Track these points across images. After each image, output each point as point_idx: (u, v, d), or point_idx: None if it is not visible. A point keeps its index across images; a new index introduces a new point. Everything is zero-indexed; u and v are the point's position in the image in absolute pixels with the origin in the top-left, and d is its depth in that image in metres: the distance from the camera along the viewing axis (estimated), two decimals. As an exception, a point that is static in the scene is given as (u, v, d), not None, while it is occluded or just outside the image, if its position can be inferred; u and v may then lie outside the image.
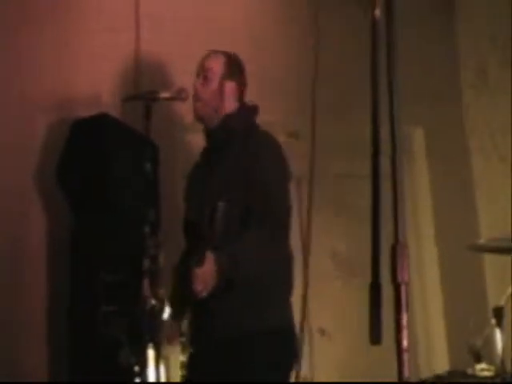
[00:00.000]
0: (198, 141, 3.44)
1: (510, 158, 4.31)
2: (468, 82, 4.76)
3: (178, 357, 2.86)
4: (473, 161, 4.68)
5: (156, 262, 2.89)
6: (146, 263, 2.82)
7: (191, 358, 2.86)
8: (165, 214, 3.46)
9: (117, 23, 4.12)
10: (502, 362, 2.89)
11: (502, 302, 3.04)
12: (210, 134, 3.19)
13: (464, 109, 4.75)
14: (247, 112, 3.21)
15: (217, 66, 3.18)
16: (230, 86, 3.16)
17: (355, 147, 3.53)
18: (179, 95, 3.13)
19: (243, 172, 3.00)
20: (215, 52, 3.24)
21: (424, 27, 4.64)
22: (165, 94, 3.13)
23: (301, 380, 3.89)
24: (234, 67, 3.21)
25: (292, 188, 3.30)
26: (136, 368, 2.81)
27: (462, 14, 4.82)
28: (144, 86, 3.98)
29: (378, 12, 1.40)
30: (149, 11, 4.20)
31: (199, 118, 3.20)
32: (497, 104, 4.47)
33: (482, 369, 2.93)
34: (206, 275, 2.77)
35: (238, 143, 3.08)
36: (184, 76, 3.77)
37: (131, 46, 4.15)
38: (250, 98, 3.26)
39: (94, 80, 4.01)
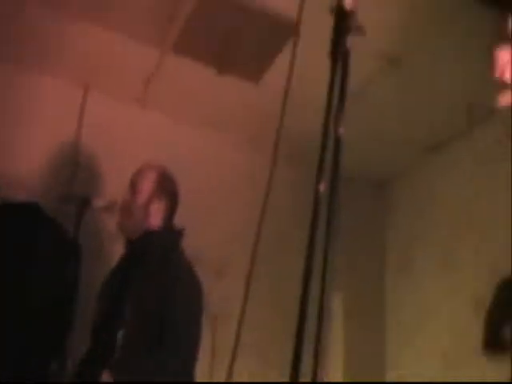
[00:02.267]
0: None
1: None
2: (392, 264, 5.00)
3: None
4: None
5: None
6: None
7: None
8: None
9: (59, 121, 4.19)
10: None
11: None
12: (129, 247, 3.09)
13: (386, 287, 4.97)
14: (171, 234, 3.11)
15: (147, 182, 3.11)
16: (157, 206, 3.08)
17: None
18: (110, 207, 3.12)
19: (156, 296, 2.85)
20: (148, 167, 3.19)
21: (358, 211, 4.84)
22: (97, 203, 3.14)
23: None
24: (165, 185, 3.13)
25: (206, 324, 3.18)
26: None
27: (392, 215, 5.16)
28: (80, 183, 4.06)
29: (322, 186, 1.49)
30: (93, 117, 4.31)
31: (122, 229, 3.11)
32: (417, 291, 4.64)
33: None
34: None
35: (155, 265, 2.95)
36: (118, 183, 3.88)
37: (71, 143, 4.22)
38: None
39: (30, 169, 4.03)
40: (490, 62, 3.77)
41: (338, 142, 1.55)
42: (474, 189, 4.25)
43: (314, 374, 1.38)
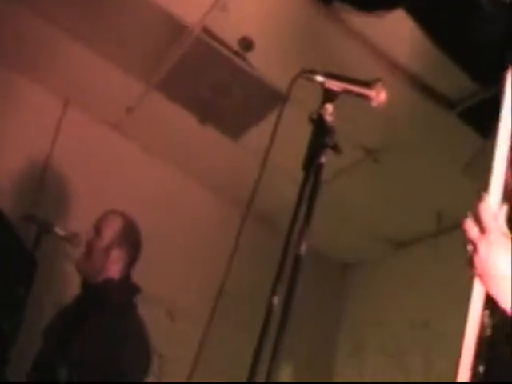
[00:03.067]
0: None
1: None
2: (345, 350, 5.03)
3: None
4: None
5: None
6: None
7: None
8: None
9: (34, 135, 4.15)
10: None
11: None
12: (86, 290, 3.03)
13: (335, 372, 4.98)
14: (127, 287, 3.06)
15: (111, 229, 3.06)
16: (118, 254, 3.03)
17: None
18: (72, 239, 3.11)
19: (104, 349, 2.77)
20: (115, 213, 3.13)
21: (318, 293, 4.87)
22: (59, 232, 3.12)
23: None
24: (129, 235, 3.08)
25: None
26: None
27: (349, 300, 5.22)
28: (45, 203, 4.01)
29: (275, 299, 1.54)
30: (69, 132, 4.27)
31: (80, 268, 3.05)
32: (365, 379, 4.65)
33: None
34: None
35: (108, 317, 2.88)
36: (84, 209, 3.87)
37: (43, 155, 4.18)
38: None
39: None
40: (464, 176, 3.92)
41: (298, 258, 1.54)
42: (432, 291, 4.29)
43: None
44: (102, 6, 3.60)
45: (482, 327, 1.50)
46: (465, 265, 1.47)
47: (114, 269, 3.02)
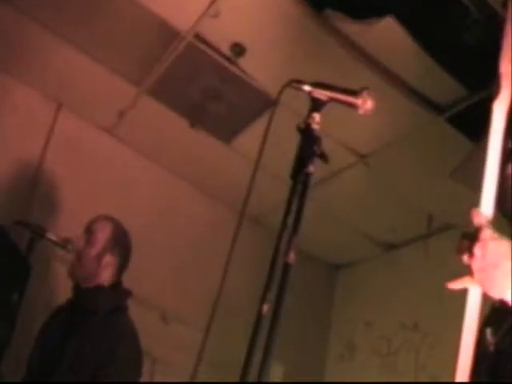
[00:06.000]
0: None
1: None
2: (336, 351, 5.03)
3: None
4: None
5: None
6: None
7: None
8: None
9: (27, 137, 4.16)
10: None
11: None
12: (77, 294, 3.05)
13: (326, 373, 4.98)
14: (118, 292, 3.08)
15: (101, 235, 3.07)
16: (109, 259, 3.05)
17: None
18: (65, 245, 3.08)
19: (95, 354, 2.80)
20: (105, 218, 3.14)
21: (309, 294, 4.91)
22: (52, 237, 3.10)
23: None
24: (119, 240, 3.10)
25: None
26: None
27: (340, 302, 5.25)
28: (38, 206, 4.02)
29: (265, 307, 1.56)
30: (62, 135, 4.28)
31: (72, 273, 3.06)
32: (356, 380, 4.61)
33: None
34: None
35: (98, 321, 2.90)
36: (77, 212, 3.87)
37: (35, 158, 4.18)
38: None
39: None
40: (454, 180, 3.96)
41: (286, 266, 1.56)
42: (422, 293, 4.33)
43: None
44: (95, 10, 3.61)
45: (480, 343, 1.52)
46: (455, 267, 1.49)
47: (105, 274, 3.04)
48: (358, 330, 4.86)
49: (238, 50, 3.65)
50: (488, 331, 1.55)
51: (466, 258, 1.46)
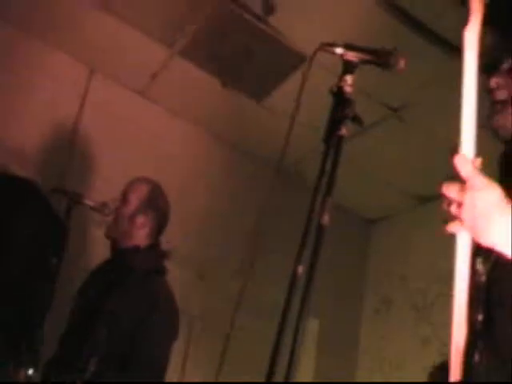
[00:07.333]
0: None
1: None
2: (371, 305, 5.05)
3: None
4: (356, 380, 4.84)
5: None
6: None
7: None
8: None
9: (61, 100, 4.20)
10: None
11: None
12: (115, 255, 3.10)
13: (362, 327, 5.02)
14: (155, 253, 3.11)
15: (136, 195, 3.12)
16: (143, 220, 3.08)
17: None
18: (102, 209, 3.13)
19: (133, 315, 2.82)
20: (142, 180, 3.18)
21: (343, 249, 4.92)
22: (89, 202, 3.15)
23: None
24: (155, 202, 3.13)
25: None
26: None
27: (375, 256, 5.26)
28: (74, 172, 4.07)
29: (300, 269, 1.60)
30: (95, 100, 4.32)
31: (108, 236, 3.11)
32: (392, 334, 4.67)
33: None
34: None
35: (134, 281, 2.93)
36: (112, 176, 3.93)
37: (70, 124, 4.22)
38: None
39: (26, 144, 4.01)
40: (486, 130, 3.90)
41: (321, 229, 1.55)
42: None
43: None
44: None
45: (475, 274, 1.50)
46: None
47: (140, 235, 3.08)
48: (393, 284, 4.88)
49: (269, 7, 3.63)
50: (478, 261, 1.52)
51: (454, 207, 1.42)
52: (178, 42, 4.03)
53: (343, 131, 1.74)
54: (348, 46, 1.84)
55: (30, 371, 2.67)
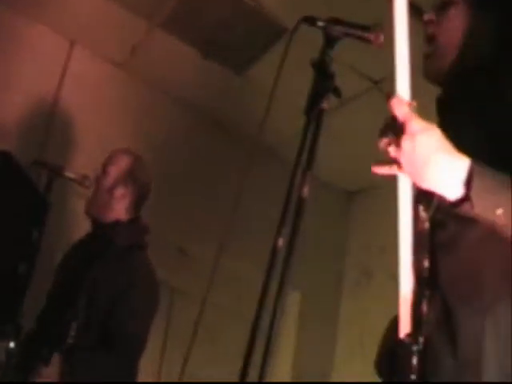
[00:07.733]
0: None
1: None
2: (352, 276, 5.08)
3: None
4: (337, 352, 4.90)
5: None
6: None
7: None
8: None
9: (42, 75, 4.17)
10: None
11: None
12: (95, 228, 3.09)
13: (343, 299, 5.05)
14: (136, 228, 3.09)
15: (115, 168, 3.09)
16: (122, 191, 3.07)
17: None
18: (82, 181, 3.11)
19: (112, 289, 2.83)
20: (122, 152, 3.15)
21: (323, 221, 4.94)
22: (70, 174, 3.13)
23: None
24: (134, 174, 3.10)
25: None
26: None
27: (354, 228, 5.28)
28: (54, 145, 4.05)
29: (281, 241, 1.58)
30: (76, 73, 4.30)
31: (87, 212, 3.10)
32: (373, 305, 4.64)
33: None
34: (49, 376, 2.61)
35: (115, 255, 2.93)
36: (92, 148, 3.92)
37: (50, 96, 4.20)
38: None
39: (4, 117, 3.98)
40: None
41: (301, 201, 1.57)
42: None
43: (262, 368, 1.41)
44: None
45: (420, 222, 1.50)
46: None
47: (120, 207, 3.07)
48: (373, 256, 4.90)
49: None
50: (420, 208, 1.52)
51: (392, 150, 1.41)
52: (158, 14, 4.00)
53: (324, 104, 1.75)
54: (330, 20, 1.84)
55: (12, 344, 2.67)
